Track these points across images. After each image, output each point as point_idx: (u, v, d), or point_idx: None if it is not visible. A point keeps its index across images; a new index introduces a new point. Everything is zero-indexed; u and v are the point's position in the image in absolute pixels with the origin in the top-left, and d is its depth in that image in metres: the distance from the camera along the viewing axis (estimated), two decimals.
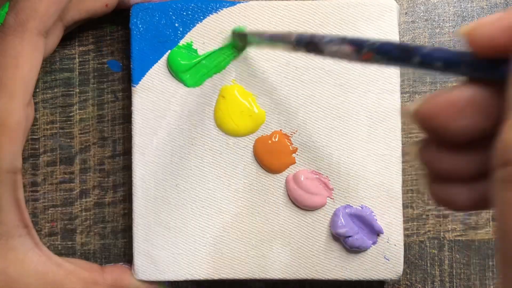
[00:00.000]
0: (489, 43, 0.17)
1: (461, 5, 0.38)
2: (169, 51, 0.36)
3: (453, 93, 0.19)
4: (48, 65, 0.39)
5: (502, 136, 0.16)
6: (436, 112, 0.19)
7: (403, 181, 0.37)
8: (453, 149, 0.19)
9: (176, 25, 0.36)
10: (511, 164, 0.16)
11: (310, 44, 0.24)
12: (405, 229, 0.36)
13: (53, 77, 0.39)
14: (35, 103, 0.38)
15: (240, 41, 0.34)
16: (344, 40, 0.22)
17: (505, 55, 0.17)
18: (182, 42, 0.36)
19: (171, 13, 0.36)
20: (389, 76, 0.35)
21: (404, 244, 0.36)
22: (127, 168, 0.38)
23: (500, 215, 0.16)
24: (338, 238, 0.35)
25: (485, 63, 0.18)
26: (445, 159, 0.20)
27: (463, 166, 0.19)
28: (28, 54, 0.32)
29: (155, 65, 0.36)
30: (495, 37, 0.17)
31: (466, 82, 0.19)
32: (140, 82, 0.36)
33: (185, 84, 0.36)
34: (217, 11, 0.36)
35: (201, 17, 0.36)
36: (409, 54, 0.19)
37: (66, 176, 0.38)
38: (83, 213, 0.38)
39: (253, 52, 0.36)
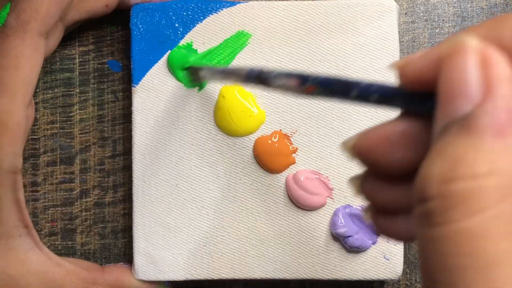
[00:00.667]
0: (417, 78, 0.18)
1: (461, 5, 0.39)
2: (169, 51, 0.36)
3: (386, 128, 0.19)
4: (48, 65, 0.39)
5: (420, 172, 0.17)
6: (371, 147, 0.19)
7: None
8: (391, 181, 0.20)
9: (176, 25, 0.36)
10: (428, 201, 0.16)
11: (259, 79, 0.26)
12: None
13: (53, 77, 0.39)
14: (36, 103, 0.38)
15: (194, 76, 0.35)
16: (289, 75, 0.23)
17: (432, 89, 0.18)
18: (182, 42, 0.36)
19: (171, 13, 0.36)
20: (389, 77, 0.35)
21: (404, 244, 0.36)
22: (127, 168, 0.38)
23: (420, 251, 0.17)
24: (338, 238, 0.35)
25: (416, 97, 0.19)
26: (384, 192, 0.20)
27: (402, 198, 0.20)
28: (29, 55, 0.32)
29: (155, 65, 0.36)
30: (422, 73, 0.18)
31: (401, 116, 0.20)
32: (140, 82, 0.36)
33: (185, 85, 0.36)
34: (217, 11, 0.36)
35: (201, 17, 0.36)
36: (348, 88, 0.20)
37: (66, 176, 0.38)
38: (83, 213, 0.38)
39: (253, 53, 0.36)
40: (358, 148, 0.20)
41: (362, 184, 0.21)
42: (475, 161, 0.16)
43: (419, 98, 0.18)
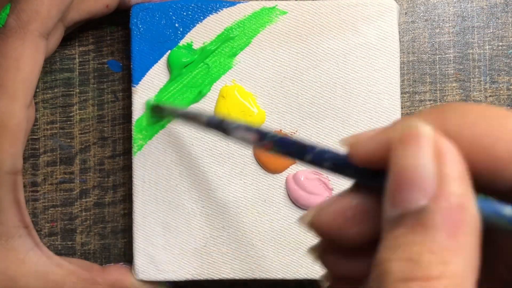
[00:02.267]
0: (366, 158, 0.18)
1: (461, 5, 0.39)
2: (169, 51, 0.36)
3: (340, 203, 0.20)
4: (48, 65, 0.39)
5: (377, 263, 0.17)
6: (327, 224, 0.20)
7: None
8: (350, 253, 0.20)
9: (176, 25, 0.36)
10: None
11: (219, 127, 0.26)
12: None
13: (53, 77, 0.39)
14: (35, 103, 0.38)
15: (155, 114, 0.35)
16: (249, 129, 0.23)
17: (382, 166, 0.18)
18: (182, 42, 0.36)
19: (171, 13, 0.36)
20: (389, 76, 0.35)
21: None
22: (127, 168, 0.38)
23: None
24: None
25: (367, 172, 0.19)
26: (342, 263, 0.21)
27: (359, 269, 0.20)
28: (30, 56, 0.32)
29: (155, 65, 0.36)
30: (371, 154, 0.18)
31: (354, 187, 0.20)
32: (140, 82, 0.36)
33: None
34: (217, 11, 0.36)
35: (201, 17, 0.36)
36: (302, 151, 0.20)
37: (66, 176, 0.38)
38: (83, 213, 0.38)
39: (253, 53, 0.36)
40: (314, 225, 0.20)
41: (321, 254, 0.21)
42: (430, 264, 0.16)
43: (369, 173, 0.19)
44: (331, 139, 0.35)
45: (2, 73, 0.32)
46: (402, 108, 0.36)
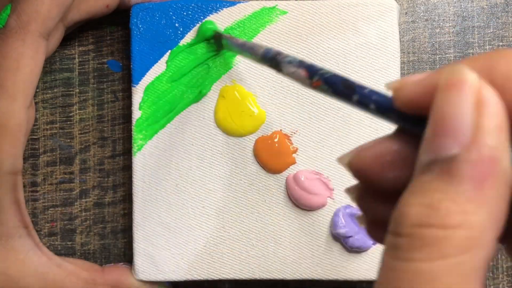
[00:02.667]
0: (411, 103, 0.18)
1: (461, 5, 0.38)
2: (169, 51, 0.36)
3: (380, 147, 0.20)
4: (48, 65, 0.38)
5: (399, 206, 0.17)
6: (366, 166, 0.20)
7: None
8: (386, 197, 0.20)
9: (176, 25, 0.36)
10: (399, 236, 0.17)
11: (273, 60, 0.26)
12: None
13: (53, 77, 0.39)
14: (35, 103, 0.38)
15: (216, 42, 0.35)
16: (301, 64, 0.23)
17: (425, 113, 0.18)
18: (182, 42, 0.36)
19: (171, 13, 0.36)
20: (389, 76, 0.35)
21: None
22: (127, 168, 0.38)
23: (379, 272, 0.17)
24: (338, 239, 0.35)
25: (410, 118, 0.19)
26: (380, 207, 0.21)
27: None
28: (30, 57, 0.32)
29: (155, 65, 0.36)
30: (416, 98, 0.18)
31: (396, 133, 0.20)
32: (140, 82, 0.36)
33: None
34: (217, 11, 0.36)
35: (201, 17, 0.36)
36: (350, 91, 0.20)
37: (66, 176, 0.38)
38: (83, 213, 0.38)
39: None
40: (353, 167, 0.20)
41: (358, 198, 0.21)
42: (449, 212, 0.16)
43: (412, 119, 0.19)
44: (331, 139, 0.35)
45: (3, 73, 0.31)
46: None
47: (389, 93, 0.19)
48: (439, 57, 0.38)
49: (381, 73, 0.35)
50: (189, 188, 0.36)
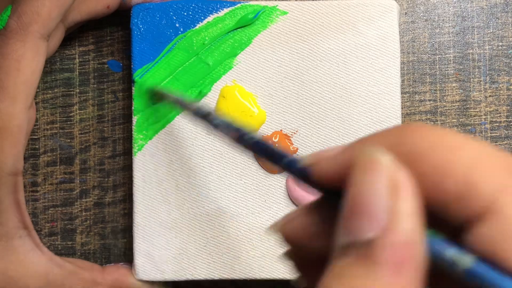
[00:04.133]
0: (326, 177, 0.18)
1: (461, 5, 0.39)
2: (169, 51, 0.36)
3: (305, 217, 0.20)
4: (48, 65, 0.38)
5: (320, 286, 0.17)
6: (293, 235, 0.20)
7: None
8: (318, 262, 0.20)
9: (177, 25, 0.36)
10: None
11: (204, 118, 0.27)
12: None
13: (53, 77, 0.39)
14: (35, 103, 0.38)
15: (153, 97, 0.35)
16: (230, 127, 0.24)
17: (342, 187, 0.18)
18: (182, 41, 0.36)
19: (171, 13, 0.36)
20: (389, 77, 0.35)
21: None
22: (127, 168, 0.38)
23: None
24: None
25: (329, 190, 0.19)
26: (313, 270, 0.21)
27: None
28: (30, 58, 0.32)
29: (155, 65, 0.36)
30: (331, 174, 0.18)
31: (320, 201, 0.20)
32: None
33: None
34: (218, 11, 0.36)
35: (202, 17, 0.36)
36: (276, 157, 0.21)
37: (66, 176, 0.38)
38: (83, 213, 0.38)
39: (253, 53, 0.36)
40: (282, 235, 0.20)
41: (292, 260, 0.21)
42: None
43: (331, 191, 0.19)
44: (332, 139, 0.35)
45: (3, 74, 0.31)
46: (402, 108, 0.36)
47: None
48: (439, 57, 0.38)
49: (381, 74, 0.35)
50: (189, 188, 0.36)
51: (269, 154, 0.22)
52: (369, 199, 0.16)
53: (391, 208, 0.16)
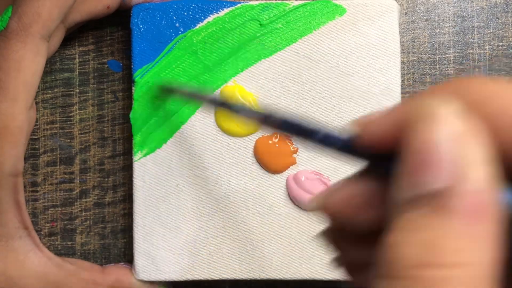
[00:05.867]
0: (378, 140, 0.18)
1: (461, 5, 0.39)
2: (169, 50, 0.36)
3: (349, 188, 0.19)
4: (48, 65, 0.38)
5: (386, 247, 0.16)
6: (335, 208, 0.19)
7: None
8: (361, 238, 0.20)
9: (177, 25, 0.36)
10: (393, 280, 0.16)
11: (222, 107, 0.27)
12: None
13: (53, 77, 0.39)
14: (35, 103, 0.38)
15: (163, 93, 0.35)
16: (250, 113, 0.24)
17: (392, 149, 0.17)
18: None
19: (172, 13, 0.36)
20: (389, 77, 0.35)
21: None
22: (127, 168, 0.38)
23: None
24: None
25: (376, 155, 0.18)
26: (354, 248, 0.20)
27: (371, 255, 0.19)
28: (31, 58, 0.32)
29: (155, 65, 0.36)
30: (383, 135, 0.18)
31: (362, 172, 0.19)
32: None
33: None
34: (218, 11, 0.36)
35: (202, 17, 0.36)
36: (308, 134, 0.20)
37: (66, 176, 0.38)
38: (83, 213, 0.38)
39: (253, 53, 0.36)
40: (323, 209, 0.20)
41: (331, 238, 0.21)
42: (444, 251, 0.15)
43: (379, 157, 0.18)
44: None
45: (4, 75, 0.31)
46: None
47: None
48: (439, 57, 0.38)
49: (381, 74, 0.35)
50: (189, 188, 0.36)
51: (300, 132, 0.20)
52: (436, 149, 0.16)
53: (461, 157, 0.16)
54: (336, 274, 0.35)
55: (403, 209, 0.16)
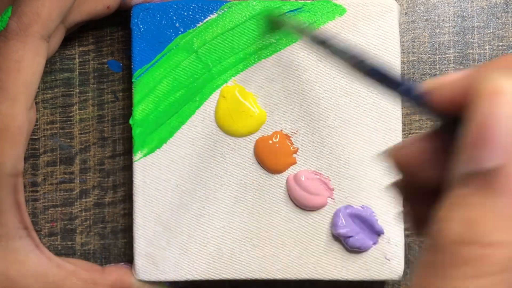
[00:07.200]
0: (446, 103, 0.18)
1: (461, 5, 0.39)
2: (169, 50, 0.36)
3: (420, 144, 0.20)
4: (48, 65, 0.38)
5: (435, 220, 0.17)
6: (406, 161, 0.20)
7: None
8: (427, 196, 0.20)
9: (177, 25, 0.36)
10: (439, 253, 0.16)
11: (322, 45, 0.27)
12: (406, 229, 0.36)
13: (53, 77, 0.39)
14: (35, 103, 0.38)
15: (272, 26, 0.35)
16: (348, 52, 0.24)
17: (459, 112, 0.17)
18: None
19: (171, 13, 0.36)
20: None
21: (405, 244, 0.36)
22: (127, 168, 0.38)
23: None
24: (339, 239, 0.35)
25: (447, 117, 0.19)
26: (421, 205, 0.20)
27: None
28: (31, 59, 0.32)
29: (155, 65, 0.36)
30: (451, 99, 0.18)
31: (435, 131, 0.19)
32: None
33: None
34: (218, 11, 0.36)
35: (202, 17, 0.36)
36: (392, 84, 0.21)
37: (66, 176, 0.38)
38: (83, 213, 0.38)
39: (253, 53, 0.36)
40: (393, 160, 0.20)
41: (400, 191, 0.21)
42: (491, 229, 0.15)
43: (449, 119, 0.18)
44: (332, 139, 0.35)
45: (4, 75, 0.31)
46: (402, 108, 0.36)
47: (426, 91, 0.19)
48: (439, 57, 0.38)
49: None
50: (189, 188, 0.36)
51: (386, 81, 0.22)
52: (494, 127, 0.16)
53: None
54: (336, 274, 0.35)
55: (456, 185, 0.17)
